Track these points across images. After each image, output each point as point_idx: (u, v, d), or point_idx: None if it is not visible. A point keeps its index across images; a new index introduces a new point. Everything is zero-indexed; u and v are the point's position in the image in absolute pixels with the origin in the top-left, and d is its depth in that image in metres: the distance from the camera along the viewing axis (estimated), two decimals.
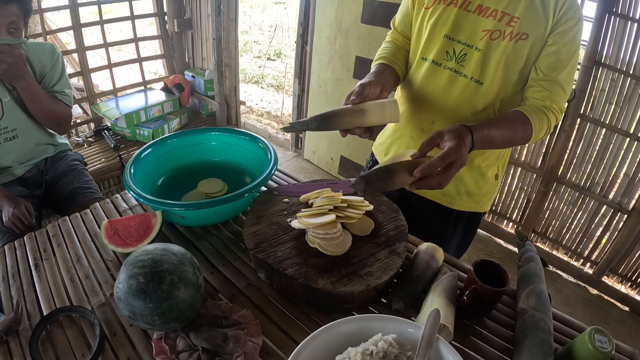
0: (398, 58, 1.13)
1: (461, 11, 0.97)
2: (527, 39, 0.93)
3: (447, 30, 1.00)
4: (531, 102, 0.97)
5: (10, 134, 1.50)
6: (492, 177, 1.13)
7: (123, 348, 0.75)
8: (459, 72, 1.00)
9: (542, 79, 0.95)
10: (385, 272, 0.81)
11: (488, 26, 0.95)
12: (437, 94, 1.04)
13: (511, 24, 0.93)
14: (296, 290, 0.81)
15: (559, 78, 0.94)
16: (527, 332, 0.72)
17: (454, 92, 1.02)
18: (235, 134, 1.20)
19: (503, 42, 0.94)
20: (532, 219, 2.45)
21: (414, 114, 1.11)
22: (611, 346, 0.65)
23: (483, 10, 0.95)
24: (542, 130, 0.96)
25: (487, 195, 1.16)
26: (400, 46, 1.16)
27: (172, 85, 2.87)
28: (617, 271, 2.25)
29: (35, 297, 0.86)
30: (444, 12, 1.00)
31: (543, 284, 0.82)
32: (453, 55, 1.00)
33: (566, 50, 0.93)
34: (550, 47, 0.93)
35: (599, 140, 2.10)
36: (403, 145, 1.16)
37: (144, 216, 0.97)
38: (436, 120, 1.06)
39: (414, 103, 1.11)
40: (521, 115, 0.93)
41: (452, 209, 1.15)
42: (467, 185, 1.12)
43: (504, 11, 0.93)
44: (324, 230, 0.84)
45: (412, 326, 0.68)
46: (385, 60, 1.10)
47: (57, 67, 1.57)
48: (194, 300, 0.73)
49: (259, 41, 6.91)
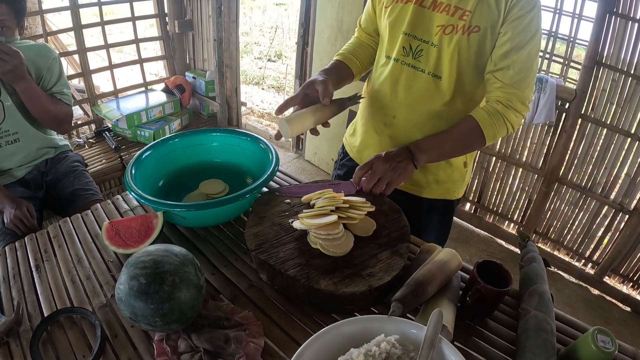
0: (357, 55, 1.20)
1: (417, 7, 1.01)
2: (478, 31, 0.95)
3: (405, 27, 1.03)
4: (488, 99, 1.02)
5: (12, 137, 1.50)
6: (460, 165, 1.17)
7: (124, 349, 0.75)
8: (417, 68, 1.04)
9: (495, 70, 0.97)
10: (387, 272, 0.80)
11: (442, 21, 0.98)
12: (398, 90, 1.08)
13: (463, 18, 0.95)
14: (298, 291, 0.81)
15: (513, 64, 0.95)
16: (529, 332, 0.71)
17: (415, 87, 1.06)
18: (236, 134, 1.20)
19: (456, 36, 0.96)
20: (534, 219, 2.45)
21: (378, 109, 1.16)
22: (614, 346, 0.65)
23: (437, 6, 0.98)
24: (500, 131, 1.00)
25: (457, 183, 1.20)
26: (363, 43, 1.23)
27: (173, 86, 2.87)
28: (619, 271, 2.24)
29: (36, 298, 0.86)
30: (402, 9, 1.03)
31: (545, 285, 0.81)
32: (410, 51, 1.04)
33: (520, 37, 0.93)
34: (503, 37, 0.94)
35: (600, 140, 2.10)
36: (369, 138, 1.21)
37: (145, 217, 0.97)
38: (397, 115, 1.11)
39: (377, 98, 1.16)
40: (472, 124, 1.00)
41: (423, 197, 1.19)
42: (435, 174, 1.16)
43: (457, 5, 0.95)
44: (326, 231, 0.83)
45: (415, 327, 0.68)
46: (341, 57, 1.20)
47: (53, 68, 1.55)
48: (195, 302, 0.73)
49: (260, 42, 6.91)
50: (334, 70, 1.16)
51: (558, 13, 2.22)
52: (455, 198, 1.23)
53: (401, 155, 0.99)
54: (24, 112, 1.50)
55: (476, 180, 2.63)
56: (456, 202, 1.25)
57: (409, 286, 0.76)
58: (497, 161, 2.49)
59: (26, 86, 1.41)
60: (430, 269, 0.80)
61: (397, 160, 0.99)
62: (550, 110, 2.09)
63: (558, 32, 2.28)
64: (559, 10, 2.21)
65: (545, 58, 2.41)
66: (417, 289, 0.76)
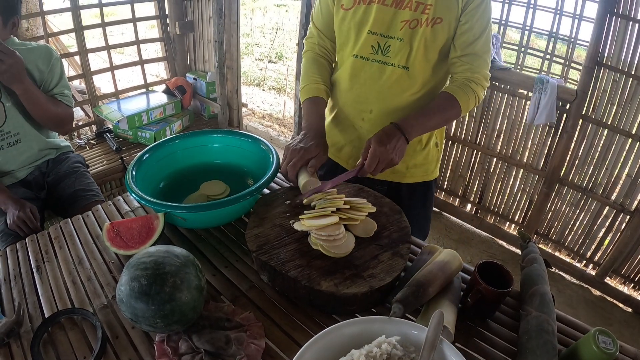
0: (323, 79, 1.20)
1: (380, 6, 1.04)
2: (441, 22, 1.02)
3: (370, 26, 1.07)
4: (456, 78, 1.10)
5: (13, 139, 1.50)
6: (433, 146, 1.26)
7: (125, 350, 0.75)
8: (387, 63, 1.09)
9: (461, 55, 1.07)
10: (388, 274, 0.80)
11: (406, 17, 1.03)
12: (370, 85, 1.13)
13: (426, 12, 1.01)
14: (299, 292, 0.81)
15: (476, 49, 1.05)
16: (531, 333, 0.71)
17: (385, 80, 1.11)
18: (237, 136, 1.20)
19: (421, 29, 1.03)
20: (534, 220, 2.45)
21: (353, 107, 1.20)
22: (615, 347, 0.65)
23: (399, 3, 1.03)
24: (471, 101, 1.08)
25: (433, 163, 1.29)
26: (321, 63, 1.24)
27: (174, 87, 2.87)
28: (620, 272, 2.24)
29: (36, 299, 0.86)
30: (366, 10, 1.07)
31: (547, 285, 0.81)
32: (379, 49, 1.09)
33: (478, 25, 1.03)
34: (464, 26, 1.03)
35: (601, 141, 2.09)
36: (348, 135, 1.25)
37: (146, 218, 0.97)
38: (374, 109, 1.16)
39: (350, 97, 1.19)
40: (448, 96, 1.08)
41: (404, 183, 1.26)
42: (413, 159, 1.24)
43: (418, 1, 1.01)
44: (327, 232, 0.83)
45: (416, 328, 0.68)
46: (313, 94, 1.17)
47: (54, 69, 1.53)
48: (196, 303, 0.73)
49: (260, 44, 6.92)
50: (321, 120, 1.14)
51: (558, 14, 2.22)
52: (434, 178, 1.32)
53: (395, 135, 1.00)
54: (24, 113, 1.49)
55: (477, 181, 2.62)
56: (434, 181, 1.33)
57: (410, 287, 0.76)
58: (497, 162, 2.49)
59: (24, 88, 1.38)
60: (431, 269, 0.80)
61: (394, 142, 0.99)
62: (551, 111, 2.09)
63: (559, 33, 2.28)
64: (559, 10, 2.21)
65: (546, 59, 2.42)
66: (418, 289, 0.76)
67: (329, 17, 1.17)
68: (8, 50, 1.29)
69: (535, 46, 2.59)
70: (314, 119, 1.12)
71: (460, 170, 2.66)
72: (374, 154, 0.97)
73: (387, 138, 0.99)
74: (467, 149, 2.58)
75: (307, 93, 1.18)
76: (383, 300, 0.84)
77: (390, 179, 1.25)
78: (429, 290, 0.77)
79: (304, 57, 1.26)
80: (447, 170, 2.73)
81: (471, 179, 2.65)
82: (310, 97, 1.17)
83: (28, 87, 1.40)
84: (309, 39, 1.26)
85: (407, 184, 1.26)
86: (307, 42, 1.27)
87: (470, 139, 2.54)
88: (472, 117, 2.48)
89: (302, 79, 1.22)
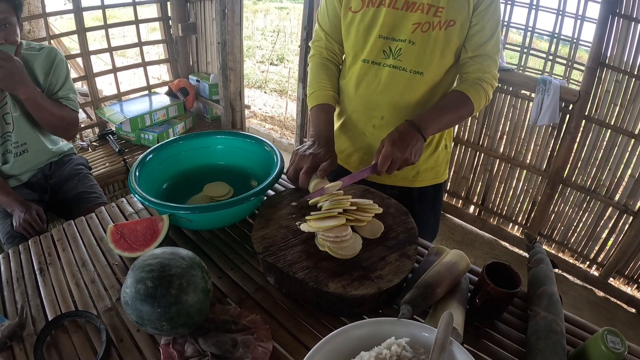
0: (331, 84, 1.18)
1: (390, 10, 1.02)
2: (454, 25, 1.00)
3: (380, 30, 1.04)
4: (466, 77, 1.08)
5: (21, 149, 1.48)
6: (442, 148, 1.23)
7: (130, 354, 0.74)
8: (399, 67, 1.06)
9: (472, 56, 1.05)
10: (396, 275, 0.80)
11: (417, 19, 1.01)
12: (381, 91, 1.10)
13: (438, 14, 0.99)
14: (306, 294, 0.80)
15: (487, 50, 1.04)
16: (540, 334, 0.71)
17: (397, 86, 1.08)
18: (241, 137, 1.19)
19: (434, 33, 1.01)
20: (538, 221, 2.44)
21: (363, 113, 1.17)
22: (624, 347, 0.64)
23: (410, 6, 1.00)
24: (482, 100, 1.07)
25: (443, 165, 1.27)
26: (327, 63, 1.21)
27: (177, 89, 2.87)
28: (624, 273, 2.23)
29: (40, 302, 0.85)
30: (375, 13, 1.04)
31: (554, 286, 0.81)
32: (390, 53, 1.06)
33: (489, 25, 1.02)
34: (475, 27, 1.02)
35: (604, 141, 2.09)
36: (358, 143, 1.22)
37: (151, 220, 0.96)
38: (385, 116, 1.13)
39: (359, 103, 1.16)
40: (460, 94, 1.06)
41: (415, 187, 1.24)
42: (424, 163, 1.21)
43: (430, 3, 0.99)
44: (334, 234, 0.83)
45: (425, 329, 0.67)
46: (321, 101, 1.15)
47: (59, 71, 1.50)
48: (202, 305, 0.72)
49: (262, 46, 6.93)
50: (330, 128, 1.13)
51: (561, 15, 2.22)
52: (443, 180, 1.29)
53: (410, 134, 0.98)
54: (32, 123, 1.47)
55: (480, 183, 2.62)
56: (443, 183, 1.30)
57: (418, 288, 0.75)
58: (500, 163, 2.48)
59: (28, 94, 1.33)
60: (439, 270, 0.79)
61: (411, 141, 0.97)
62: (554, 112, 2.08)
63: (561, 34, 2.28)
64: (561, 11, 2.21)
65: (548, 60, 2.41)
66: (427, 291, 0.75)
67: (336, 20, 1.14)
68: (5, 54, 1.25)
69: (538, 47, 2.59)
70: (324, 127, 1.11)
71: (463, 172, 2.66)
72: (385, 155, 0.95)
73: (402, 139, 0.96)
74: (470, 150, 2.58)
75: (316, 99, 1.16)
76: (390, 301, 0.83)
77: (402, 184, 1.22)
78: (437, 291, 0.76)
79: (311, 62, 1.23)
80: (450, 172, 2.72)
81: (474, 181, 2.64)
82: (319, 104, 1.15)
83: (32, 93, 1.35)
84: (316, 42, 1.23)
85: (417, 188, 1.24)
86: (314, 46, 1.24)
87: (473, 140, 2.54)
88: (474, 118, 2.48)
89: (310, 85, 1.20)
